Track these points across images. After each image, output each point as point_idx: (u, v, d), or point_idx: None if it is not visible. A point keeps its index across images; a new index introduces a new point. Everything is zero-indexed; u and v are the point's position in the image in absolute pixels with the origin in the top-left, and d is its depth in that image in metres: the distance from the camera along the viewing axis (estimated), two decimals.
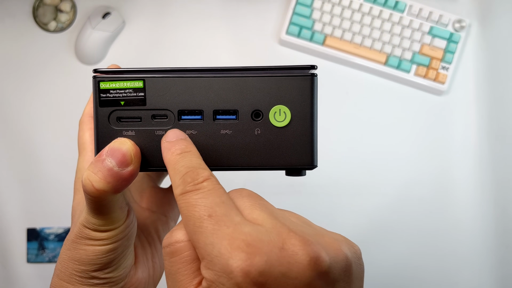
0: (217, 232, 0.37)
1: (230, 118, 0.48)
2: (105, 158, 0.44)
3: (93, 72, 0.48)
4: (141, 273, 0.54)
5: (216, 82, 0.48)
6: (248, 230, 0.37)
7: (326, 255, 0.37)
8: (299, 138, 0.48)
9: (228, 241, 0.36)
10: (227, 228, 0.37)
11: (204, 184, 0.41)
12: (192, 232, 0.39)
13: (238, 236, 0.37)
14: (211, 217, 0.38)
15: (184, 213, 0.40)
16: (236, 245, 0.36)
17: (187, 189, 0.41)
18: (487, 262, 1.32)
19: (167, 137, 0.46)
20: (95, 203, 0.45)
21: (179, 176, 0.42)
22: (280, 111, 0.48)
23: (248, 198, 0.42)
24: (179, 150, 0.44)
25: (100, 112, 0.48)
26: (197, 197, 0.40)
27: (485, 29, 1.34)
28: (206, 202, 0.39)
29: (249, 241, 0.36)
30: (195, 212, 0.39)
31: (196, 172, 0.42)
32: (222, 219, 0.38)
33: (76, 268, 0.48)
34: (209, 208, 0.39)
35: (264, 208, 0.41)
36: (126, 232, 0.49)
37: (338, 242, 0.40)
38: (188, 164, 0.43)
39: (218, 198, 0.40)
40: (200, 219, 0.38)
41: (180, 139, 0.46)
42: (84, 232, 0.47)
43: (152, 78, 0.48)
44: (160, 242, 0.59)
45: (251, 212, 0.40)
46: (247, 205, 0.41)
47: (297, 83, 0.48)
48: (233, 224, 0.38)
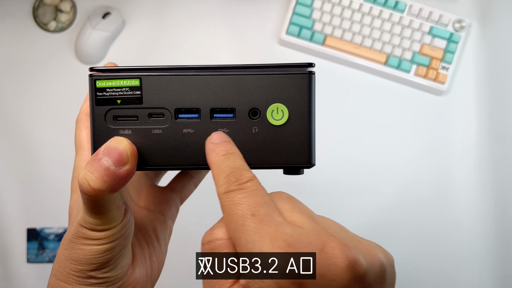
0: (259, 230, 0.38)
1: (228, 117, 0.48)
2: (102, 157, 0.44)
3: (90, 70, 0.48)
4: (138, 272, 0.54)
5: (213, 80, 0.47)
6: (289, 231, 0.38)
7: (364, 260, 0.38)
8: (297, 136, 0.48)
9: (269, 240, 0.37)
10: (269, 228, 0.38)
11: (248, 184, 0.41)
12: (234, 229, 0.39)
13: (280, 236, 0.37)
14: (254, 216, 0.39)
15: (226, 211, 0.41)
16: (278, 244, 0.37)
17: (231, 188, 0.41)
18: (487, 262, 1.32)
19: (211, 139, 0.47)
20: (92, 203, 0.45)
21: (224, 176, 0.42)
22: (278, 110, 0.48)
23: (288, 201, 0.43)
24: (224, 151, 0.45)
25: (97, 111, 0.48)
26: (241, 196, 0.40)
27: (485, 29, 1.34)
28: (249, 201, 0.40)
29: (290, 241, 0.37)
30: (239, 210, 0.39)
31: (240, 172, 0.42)
32: (264, 218, 0.39)
33: (73, 267, 0.48)
34: (252, 208, 0.39)
35: (304, 211, 0.42)
36: (123, 231, 0.49)
37: (374, 249, 0.40)
38: (233, 165, 0.43)
39: (261, 198, 0.41)
40: (243, 218, 0.39)
41: (224, 141, 0.46)
42: (81, 231, 0.47)
43: (148, 76, 0.47)
44: (158, 241, 0.59)
45: (292, 215, 0.41)
46: (287, 207, 0.42)
47: (295, 81, 0.48)
48: (275, 224, 0.38)
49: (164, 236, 0.61)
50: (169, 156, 0.48)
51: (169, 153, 0.48)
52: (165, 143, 0.48)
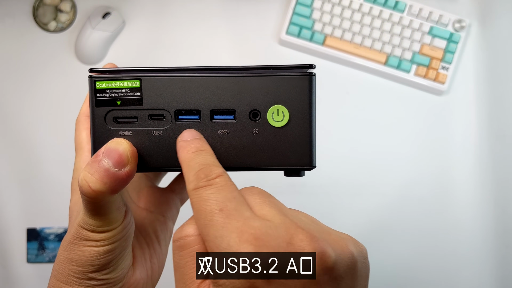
0: (227, 225, 0.38)
1: (228, 118, 0.48)
2: (102, 158, 0.44)
3: (89, 71, 0.48)
4: (139, 273, 0.54)
5: (214, 81, 0.47)
6: (257, 225, 0.38)
7: (332, 251, 0.38)
8: (297, 138, 0.48)
9: (237, 234, 0.37)
10: (236, 222, 0.38)
11: (217, 180, 0.42)
12: (202, 225, 0.39)
13: (247, 229, 0.37)
14: (222, 211, 0.39)
15: (195, 207, 0.41)
16: (245, 238, 0.37)
17: (200, 184, 0.41)
18: (487, 262, 1.32)
19: (183, 137, 0.47)
20: (92, 204, 0.45)
21: (193, 173, 0.43)
22: (278, 111, 0.47)
23: (258, 195, 0.43)
24: (194, 148, 0.45)
25: (97, 112, 0.48)
26: (210, 192, 0.41)
27: (485, 29, 1.34)
28: (218, 196, 0.40)
29: (258, 235, 0.37)
30: (207, 206, 0.40)
31: (210, 168, 0.43)
32: (232, 213, 0.39)
33: (73, 269, 0.48)
34: (221, 203, 0.40)
35: (274, 205, 0.42)
36: (123, 233, 0.49)
37: (345, 240, 0.40)
38: (202, 162, 0.44)
39: (230, 193, 0.41)
40: (211, 213, 0.39)
41: (196, 139, 0.46)
42: (81, 233, 0.47)
43: (148, 78, 0.47)
44: (159, 242, 0.59)
45: (261, 209, 0.41)
46: (257, 201, 0.42)
47: (295, 82, 0.48)
48: (242, 218, 0.38)
49: (165, 237, 0.61)
50: (169, 157, 0.48)
51: (169, 154, 0.48)
52: (165, 144, 0.48)
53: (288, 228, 0.38)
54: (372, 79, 1.34)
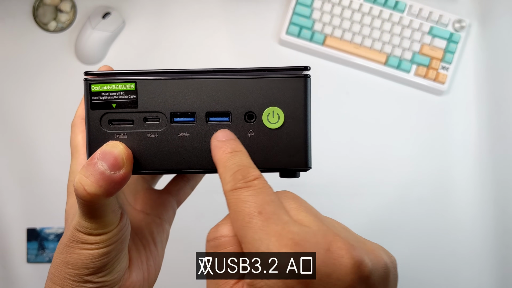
0: (266, 228, 0.38)
1: (223, 120, 0.48)
2: (97, 161, 0.44)
3: (84, 74, 0.48)
4: (135, 276, 0.54)
5: (209, 84, 0.47)
6: (296, 230, 0.38)
7: (369, 261, 0.38)
8: (292, 139, 0.48)
9: (276, 238, 0.37)
10: (276, 226, 0.38)
11: (255, 182, 0.42)
12: (240, 227, 0.39)
13: (286, 234, 0.37)
14: (261, 214, 0.39)
15: (233, 208, 0.41)
16: (284, 242, 0.37)
17: (238, 185, 0.41)
18: (487, 262, 1.32)
19: (217, 137, 0.47)
20: (87, 207, 0.45)
21: (230, 173, 0.43)
22: (274, 113, 0.47)
23: (293, 200, 0.43)
24: (230, 149, 0.45)
25: (92, 115, 0.48)
26: (248, 194, 0.40)
27: (485, 29, 1.34)
28: (256, 199, 0.40)
29: (297, 240, 0.37)
30: (245, 208, 0.39)
31: (247, 170, 0.43)
32: (271, 216, 0.39)
33: (69, 272, 0.48)
34: (259, 205, 0.39)
35: (310, 211, 0.42)
36: (119, 235, 0.49)
37: (379, 250, 0.41)
38: (239, 163, 0.43)
39: (268, 196, 0.41)
40: (250, 215, 0.39)
41: (231, 139, 0.46)
42: (77, 236, 0.47)
43: (143, 80, 0.47)
44: (155, 244, 0.59)
45: (298, 213, 0.41)
46: (293, 206, 0.42)
47: (290, 84, 0.48)
48: (281, 222, 0.38)
49: (161, 240, 0.61)
50: (165, 160, 0.48)
51: (165, 157, 0.48)
52: (160, 147, 0.48)
53: (326, 235, 0.38)
54: (372, 79, 1.34)
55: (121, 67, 0.49)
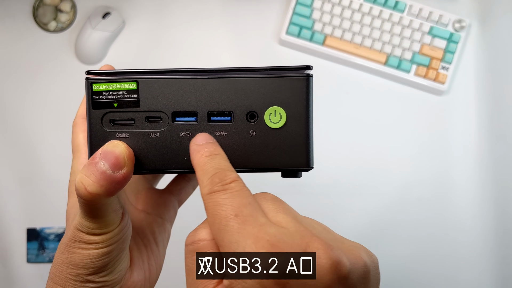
0: (243, 231, 0.38)
1: (225, 120, 0.48)
2: (98, 161, 0.44)
3: (86, 73, 0.47)
4: (136, 276, 0.54)
5: (211, 83, 0.47)
6: (273, 231, 0.38)
7: (347, 260, 0.38)
8: (294, 139, 0.48)
9: (253, 240, 0.37)
10: (252, 228, 0.38)
11: (232, 185, 0.41)
12: (217, 230, 0.39)
13: (263, 236, 0.37)
14: (237, 216, 0.39)
15: (210, 212, 0.41)
16: (261, 244, 0.37)
17: (214, 189, 0.41)
18: (487, 262, 1.32)
19: (196, 140, 0.46)
20: (88, 206, 0.44)
21: (207, 177, 0.42)
22: (275, 112, 0.47)
23: (272, 201, 0.43)
24: (208, 152, 0.45)
25: (93, 114, 0.47)
26: (225, 197, 0.40)
27: (485, 29, 1.34)
28: (233, 202, 0.40)
29: (273, 242, 0.37)
30: (222, 211, 0.39)
31: (224, 173, 0.42)
32: (248, 219, 0.39)
33: (70, 272, 0.48)
34: (236, 208, 0.39)
35: (288, 212, 0.42)
36: (120, 235, 0.49)
37: (358, 249, 0.40)
38: (217, 166, 0.43)
39: (245, 199, 0.40)
40: (226, 218, 0.39)
41: (209, 142, 0.46)
42: (78, 235, 0.47)
43: (145, 80, 0.47)
44: (157, 244, 0.59)
45: (275, 215, 0.41)
46: (271, 208, 0.42)
47: (293, 84, 0.47)
48: (258, 224, 0.38)
49: (163, 239, 0.61)
50: (166, 159, 0.48)
51: (166, 156, 0.48)
52: (162, 146, 0.48)
53: (303, 236, 0.38)
54: (372, 79, 1.34)
55: (121, 67, 0.49)
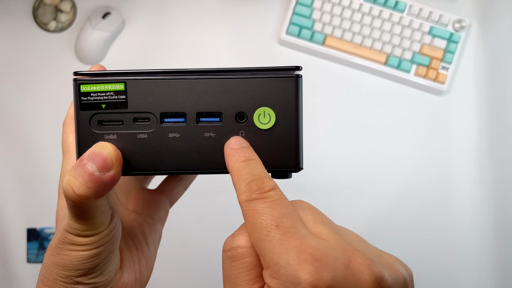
0: (285, 242, 0.37)
1: (214, 121, 0.47)
2: (86, 162, 0.44)
3: (74, 74, 0.47)
4: (127, 277, 0.53)
5: (199, 84, 0.47)
6: (315, 244, 0.37)
7: (389, 276, 0.38)
8: (283, 140, 0.48)
9: (296, 253, 0.37)
10: (294, 240, 0.37)
11: (270, 193, 0.41)
12: (257, 239, 0.39)
13: (306, 249, 0.37)
14: (278, 227, 0.38)
15: (249, 220, 0.40)
16: (304, 258, 0.36)
17: (253, 196, 0.41)
18: (487, 262, 1.32)
19: (230, 144, 0.46)
20: (76, 208, 0.44)
21: (245, 183, 0.42)
22: (265, 113, 0.47)
23: (309, 211, 0.43)
24: (243, 157, 0.45)
25: (81, 116, 0.47)
26: (264, 206, 0.40)
27: (485, 29, 1.33)
28: (273, 212, 0.39)
29: (316, 255, 0.36)
30: (262, 220, 0.39)
31: (262, 180, 0.42)
32: (289, 230, 0.38)
33: (60, 273, 0.48)
34: (277, 218, 0.39)
35: (326, 223, 0.41)
36: (109, 236, 0.48)
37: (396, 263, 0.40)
38: (254, 172, 0.43)
39: (285, 209, 0.40)
40: (267, 228, 0.38)
41: (244, 147, 0.46)
42: (67, 237, 0.47)
43: (133, 81, 0.47)
44: (147, 245, 0.59)
45: (315, 226, 0.41)
46: (309, 218, 0.42)
47: (282, 84, 0.47)
48: (300, 236, 0.38)
49: (153, 240, 0.60)
50: (155, 161, 0.47)
51: (155, 157, 0.47)
52: (150, 147, 0.47)
53: (345, 250, 0.37)
54: (372, 79, 1.34)
55: (121, 67, 0.49)
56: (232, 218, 1.25)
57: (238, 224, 0.44)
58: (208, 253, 1.26)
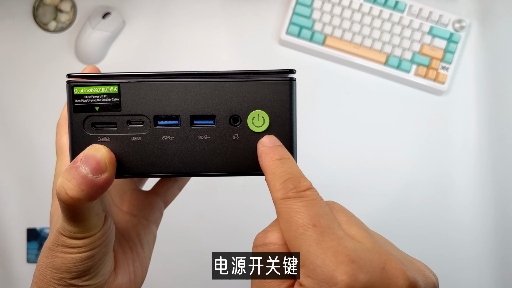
0: (322, 242, 0.38)
1: (208, 123, 0.47)
2: (79, 165, 0.43)
3: (67, 76, 0.47)
4: (121, 278, 0.53)
5: (193, 86, 0.47)
6: (351, 246, 0.38)
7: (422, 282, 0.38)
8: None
9: (332, 254, 0.37)
10: (331, 241, 0.38)
11: (307, 193, 0.41)
12: (293, 237, 0.39)
13: (342, 250, 0.37)
14: (315, 226, 0.38)
15: (285, 217, 0.40)
16: (341, 259, 0.36)
17: (289, 195, 0.41)
18: (487, 262, 1.32)
19: (264, 143, 0.46)
20: (70, 211, 0.44)
21: (280, 181, 0.42)
22: (259, 116, 0.47)
23: (343, 212, 0.43)
24: (278, 155, 0.45)
25: (75, 118, 0.47)
26: (301, 205, 0.40)
27: (485, 29, 1.33)
28: (309, 211, 0.40)
29: (353, 257, 0.37)
30: (299, 219, 0.39)
31: (298, 179, 0.42)
32: (326, 230, 0.38)
33: (54, 276, 0.47)
34: (313, 217, 0.39)
35: (360, 225, 0.42)
36: (103, 239, 0.48)
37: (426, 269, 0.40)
38: (289, 171, 0.43)
39: (321, 209, 0.40)
40: (304, 227, 0.39)
41: (278, 146, 0.46)
42: (61, 239, 0.47)
43: (127, 83, 0.47)
44: (142, 246, 0.59)
45: (349, 228, 0.41)
46: (343, 219, 0.42)
47: (276, 87, 0.47)
48: (336, 237, 0.38)
49: (148, 241, 0.60)
50: (149, 163, 0.47)
51: (149, 160, 0.47)
52: (144, 150, 0.47)
53: (381, 254, 0.38)
54: (372, 79, 1.33)
55: (121, 67, 0.49)
56: (232, 219, 1.25)
57: (238, 225, 0.44)
58: (208, 253, 1.26)
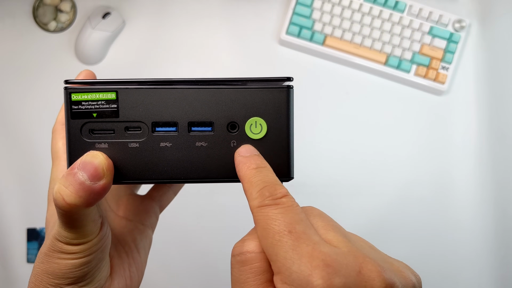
0: (297, 248, 0.38)
1: (206, 130, 0.47)
2: (77, 171, 0.43)
3: (64, 82, 0.47)
4: (117, 283, 0.53)
5: (191, 93, 0.47)
6: (327, 251, 0.38)
7: (399, 283, 0.38)
8: (275, 150, 0.48)
9: (308, 259, 0.37)
10: (306, 246, 0.38)
11: (283, 200, 0.41)
12: (270, 244, 0.39)
13: (318, 255, 0.37)
14: (291, 233, 0.39)
15: (261, 225, 0.40)
16: (316, 263, 0.37)
17: (265, 202, 0.41)
18: (487, 262, 1.32)
19: (241, 152, 0.47)
20: (66, 217, 0.44)
21: (256, 190, 0.43)
22: (256, 123, 0.47)
23: (320, 217, 0.43)
24: (255, 164, 0.45)
25: (72, 124, 0.47)
26: (277, 212, 0.40)
27: (485, 29, 1.33)
28: (285, 217, 0.40)
29: (328, 262, 0.37)
30: (275, 226, 0.39)
31: (274, 187, 0.42)
32: (301, 236, 0.39)
33: (49, 281, 0.47)
34: (289, 224, 0.39)
35: (337, 230, 0.42)
36: (99, 245, 0.48)
37: (406, 270, 0.40)
38: (265, 179, 0.43)
39: (297, 215, 0.40)
40: (280, 234, 0.39)
41: (254, 155, 0.46)
42: (57, 245, 0.46)
43: (125, 90, 0.47)
44: (138, 251, 0.59)
45: (326, 233, 0.41)
46: (320, 224, 0.42)
47: (273, 95, 0.47)
48: (312, 242, 0.38)
49: (144, 246, 0.60)
50: (146, 170, 0.47)
51: (146, 167, 0.47)
52: (142, 156, 0.47)
53: (357, 257, 0.38)
54: (372, 79, 1.33)
55: (121, 67, 0.49)
56: (232, 219, 1.25)
57: (238, 225, 0.44)
58: (207, 254, 1.27)
